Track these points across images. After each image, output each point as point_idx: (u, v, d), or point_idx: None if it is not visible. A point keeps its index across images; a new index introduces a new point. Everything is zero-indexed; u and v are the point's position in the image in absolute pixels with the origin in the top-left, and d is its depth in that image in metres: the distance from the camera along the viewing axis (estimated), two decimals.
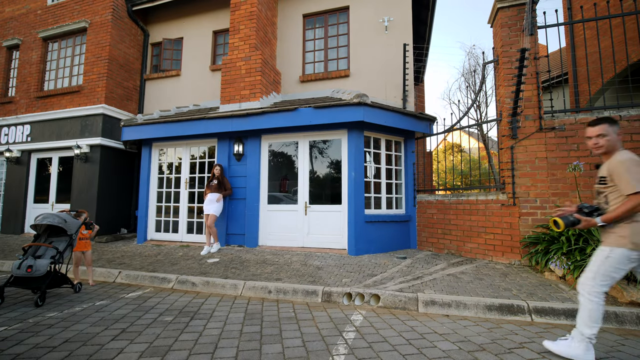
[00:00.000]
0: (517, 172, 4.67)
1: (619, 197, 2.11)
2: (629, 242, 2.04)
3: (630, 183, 2.01)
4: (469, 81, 11.79)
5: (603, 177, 2.21)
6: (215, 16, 8.12)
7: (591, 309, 2.12)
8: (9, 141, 8.57)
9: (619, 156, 2.13)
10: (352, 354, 2.31)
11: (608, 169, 2.16)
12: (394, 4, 6.76)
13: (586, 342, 2.15)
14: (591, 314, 2.12)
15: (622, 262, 2.08)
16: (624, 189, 2.05)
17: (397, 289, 3.59)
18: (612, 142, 2.19)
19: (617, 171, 2.09)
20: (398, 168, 6.42)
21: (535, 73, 4.67)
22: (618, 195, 2.12)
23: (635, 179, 2.00)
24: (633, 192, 2.00)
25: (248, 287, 3.91)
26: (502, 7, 4.90)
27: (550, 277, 3.91)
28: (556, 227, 2.22)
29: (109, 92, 7.79)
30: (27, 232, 8.27)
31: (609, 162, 2.18)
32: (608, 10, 4.76)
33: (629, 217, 2.06)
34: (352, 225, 5.55)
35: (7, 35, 9.09)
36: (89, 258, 4.36)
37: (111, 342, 2.46)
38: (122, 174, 8.16)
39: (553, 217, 2.22)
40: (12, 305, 3.36)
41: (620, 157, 2.12)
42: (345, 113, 5.50)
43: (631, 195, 2.01)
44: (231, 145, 6.55)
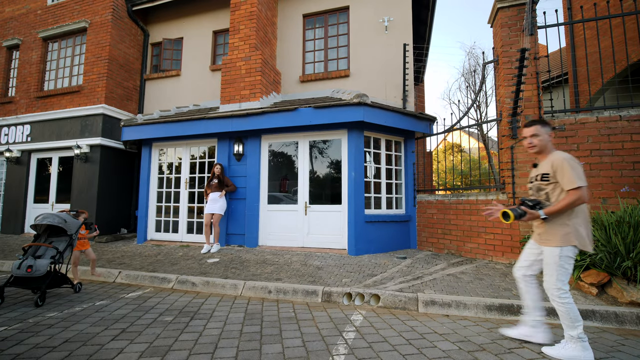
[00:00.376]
0: (517, 172, 4.67)
1: (561, 193, 2.27)
2: (574, 240, 2.22)
3: (572, 179, 2.19)
4: (469, 81, 11.79)
5: (546, 174, 2.35)
6: (215, 16, 8.12)
7: (567, 310, 2.21)
8: (9, 141, 8.58)
9: (560, 155, 2.30)
10: (352, 354, 2.31)
11: (552, 167, 2.31)
12: (394, 4, 6.77)
13: (579, 342, 2.20)
14: (569, 315, 2.21)
15: (571, 257, 2.26)
16: (566, 184, 2.21)
17: (397, 289, 3.59)
18: (544, 142, 2.41)
19: (560, 168, 2.25)
20: (398, 168, 6.42)
21: (535, 73, 4.67)
22: (560, 191, 2.28)
23: (576, 176, 2.18)
24: (574, 187, 2.17)
25: (248, 287, 3.91)
26: (502, 7, 4.90)
27: None
28: (506, 219, 2.30)
29: (109, 92, 7.79)
30: (27, 232, 8.27)
31: (551, 161, 2.33)
32: (608, 10, 4.76)
33: (568, 214, 2.25)
34: (352, 225, 5.55)
35: (7, 35, 9.09)
36: (90, 254, 4.41)
37: (111, 342, 2.46)
38: (122, 174, 8.16)
39: (504, 209, 2.31)
40: (12, 305, 3.36)
41: (561, 155, 2.30)
42: (345, 113, 5.50)
43: (572, 190, 2.19)
44: (231, 145, 6.55)
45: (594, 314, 2.96)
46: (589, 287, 3.37)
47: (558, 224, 2.27)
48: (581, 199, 2.18)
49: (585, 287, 3.41)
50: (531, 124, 2.46)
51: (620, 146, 4.23)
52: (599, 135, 4.33)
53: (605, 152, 4.28)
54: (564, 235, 2.24)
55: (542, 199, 2.38)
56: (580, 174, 2.20)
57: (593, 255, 3.41)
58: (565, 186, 2.22)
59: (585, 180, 2.21)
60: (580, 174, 2.20)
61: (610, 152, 4.26)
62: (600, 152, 4.30)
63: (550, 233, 2.30)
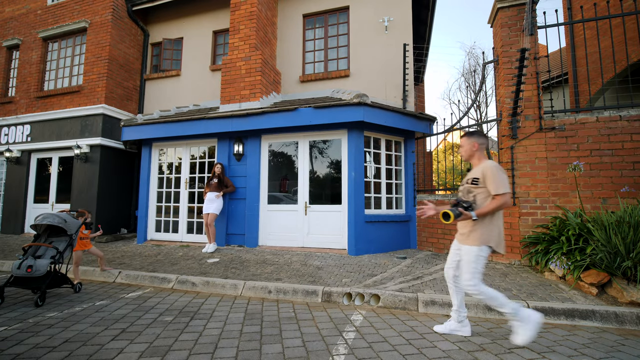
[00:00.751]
0: (517, 172, 4.67)
1: (487, 197, 2.49)
2: (491, 241, 2.45)
3: (498, 186, 2.42)
4: (469, 81, 11.78)
5: (476, 179, 2.57)
6: (215, 16, 8.12)
7: (489, 298, 2.43)
8: (9, 141, 8.57)
9: (490, 164, 2.53)
10: (352, 354, 2.31)
11: (482, 173, 2.53)
12: (394, 4, 6.76)
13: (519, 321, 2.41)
14: (495, 301, 2.43)
15: (484, 257, 2.46)
16: (493, 190, 2.44)
17: (397, 289, 3.59)
18: (467, 151, 2.69)
19: (488, 175, 2.48)
20: (398, 168, 6.42)
21: (535, 73, 4.67)
22: (487, 195, 2.50)
23: (502, 183, 2.42)
24: (499, 193, 2.41)
25: (248, 287, 3.91)
26: (502, 7, 4.90)
27: (550, 277, 3.91)
28: (445, 220, 2.45)
29: (109, 92, 7.79)
30: (27, 232, 8.27)
31: (482, 168, 2.55)
32: (608, 10, 4.76)
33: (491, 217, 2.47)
34: (352, 225, 5.55)
35: (7, 35, 9.09)
36: (96, 252, 4.47)
37: (111, 342, 2.46)
38: (122, 174, 8.16)
39: (445, 210, 2.46)
40: (12, 305, 3.36)
41: (491, 164, 2.53)
42: (345, 113, 5.50)
43: (497, 195, 2.42)
44: (231, 145, 6.55)
45: (594, 314, 2.96)
46: (589, 287, 3.37)
47: (481, 225, 2.48)
48: (506, 204, 2.42)
49: (585, 287, 3.41)
50: (462, 136, 2.78)
51: (620, 146, 4.23)
52: (599, 135, 4.33)
53: (605, 152, 4.28)
54: (483, 236, 2.46)
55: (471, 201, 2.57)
56: (505, 182, 2.44)
57: (593, 255, 3.41)
58: (492, 191, 2.44)
59: (509, 187, 2.46)
60: (505, 182, 2.44)
61: (610, 152, 4.26)
62: (600, 152, 4.30)
63: (473, 233, 2.50)
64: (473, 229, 2.50)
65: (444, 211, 2.46)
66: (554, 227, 4.12)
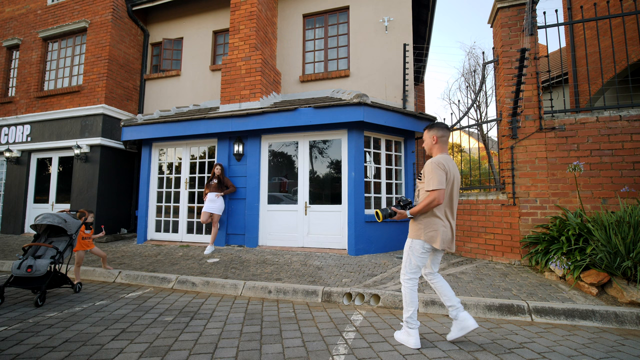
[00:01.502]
0: (517, 172, 4.67)
1: (424, 194, 2.46)
2: (423, 235, 2.43)
3: (429, 182, 2.39)
4: (469, 81, 11.77)
5: (420, 174, 2.57)
6: (215, 16, 8.12)
7: (406, 293, 2.46)
8: (9, 141, 8.58)
9: (432, 159, 2.50)
10: (352, 354, 2.31)
11: (424, 168, 2.52)
12: (394, 4, 6.77)
13: (406, 326, 2.44)
14: (406, 298, 2.46)
15: (420, 251, 2.45)
16: (426, 186, 2.42)
17: (397, 289, 3.59)
18: (427, 145, 2.65)
19: (426, 171, 2.46)
20: (398, 168, 6.42)
21: (535, 73, 4.67)
22: (424, 192, 2.47)
23: (434, 179, 2.36)
24: (429, 189, 2.37)
25: (248, 287, 3.91)
26: (502, 7, 4.90)
27: (550, 277, 3.91)
28: (377, 218, 2.51)
29: (109, 92, 7.79)
30: (27, 232, 8.27)
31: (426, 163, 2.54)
32: (608, 10, 4.76)
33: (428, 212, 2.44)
34: (352, 225, 5.55)
35: (7, 35, 9.09)
36: (98, 252, 4.51)
37: (111, 342, 2.46)
38: (122, 174, 8.16)
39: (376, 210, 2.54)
40: (12, 305, 3.36)
41: (432, 159, 2.49)
42: (345, 113, 5.50)
43: (429, 191, 2.38)
44: (231, 145, 6.55)
45: (594, 314, 2.96)
46: (589, 287, 3.37)
47: (417, 221, 2.49)
48: (436, 200, 2.34)
49: (585, 287, 3.41)
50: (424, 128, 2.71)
51: (620, 146, 4.23)
52: (599, 135, 4.32)
53: (605, 152, 4.28)
54: (415, 230, 2.48)
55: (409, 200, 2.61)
56: (440, 178, 2.36)
57: (593, 255, 3.41)
58: (426, 187, 2.42)
59: (444, 184, 2.38)
60: (440, 178, 2.36)
61: (610, 152, 4.26)
62: (600, 152, 4.30)
63: (410, 228, 2.56)
64: (411, 224, 2.56)
65: (376, 210, 2.54)
66: (554, 227, 4.12)
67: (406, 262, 2.51)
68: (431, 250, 2.48)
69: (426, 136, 2.64)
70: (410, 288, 2.46)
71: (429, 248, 2.45)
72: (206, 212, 5.91)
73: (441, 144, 2.56)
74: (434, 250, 2.51)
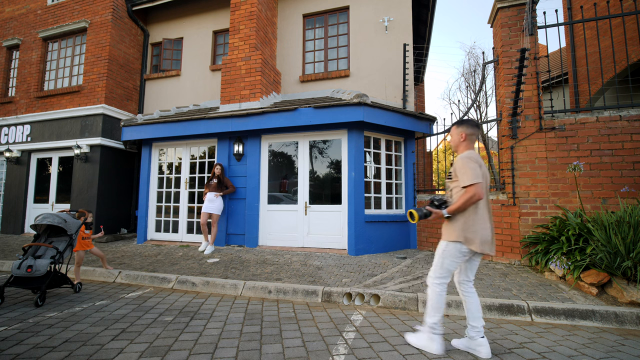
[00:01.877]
0: (517, 172, 4.67)
1: (459, 191, 2.30)
2: (461, 237, 2.24)
3: (465, 177, 2.22)
4: (469, 81, 11.76)
5: (450, 172, 2.42)
6: (215, 16, 8.12)
7: (433, 296, 2.31)
8: (9, 141, 8.57)
9: (461, 155, 2.34)
10: (352, 354, 2.31)
11: (454, 166, 2.36)
12: (394, 4, 6.77)
13: (430, 332, 2.30)
14: (432, 302, 2.31)
15: (455, 255, 2.27)
16: (461, 182, 2.24)
17: (397, 289, 3.59)
18: (454, 142, 2.49)
19: (457, 167, 2.30)
20: (398, 168, 6.42)
21: (535, 73, 4.67)
22: (459, 189, 2.30)
23: (470, 173, 2.20)
24: (466, 185, 2.20)
25: (248, 287, 3.90)
26: (502, 7, 4.90)
27: (550, 277, 3.91)
28: (411, 219, 2.36)
29: (109, 92, 7.79)
30: (27, 232, 8.27)
31: (455, 160, 2.40)
32: (608, 10, 4.76)
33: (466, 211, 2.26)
34: (352, 225, 5.55)
35: (7, 35, 9.09)
36: (97, 252, 4.50)
37: (111, 342, 2.46)
38: (122, 174, 8.16)
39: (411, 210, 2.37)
40: (12, 305, 3.36)
41: (461, 155, 2.33)
42: (345, 113, 5.50)
43: (466, 187, 2.21)
44: (231, 145, 6.55)
45: (594, 314, 2.96)
46: (589, 287, 3.37)
47: (454, 221, 2.32)
48: (476, 195, 2.18)
49: (585, 287, 3.41)
50: (452, 125, 2.53)
51: (620, 146, 4.23)
52: (599, 135, 4.33)
53: (605, 152, 4.28)
54: (452, 232, 2.30)
55: (449, 197, 2.45)
56: (476, 172, 2.20)
57: (593, 255, 3.41)
58: (461, 184, 2.25)
59: (481, 177, 2.20)
60: (476, 172, 2.20)
61: (610, 152, 4.26)
62: (600, 152, 4.30)
63: (445, 229, 2.39)
64: (446, 225, 2.38)
65: (410, 211, 2.37)
66: (554, 227, 4.12)
67: (437, 265, 2.33)
68: (469, 253, 2.27)
69: (454, 132, 2.47)
70: (439, 293, 2.30)
71: (466, 251, 2.25)
72: (205, 213, 5.90)
73: (469, 142, 2.41)
74: (471, 253, 2.28)
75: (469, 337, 2.32)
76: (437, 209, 2.36)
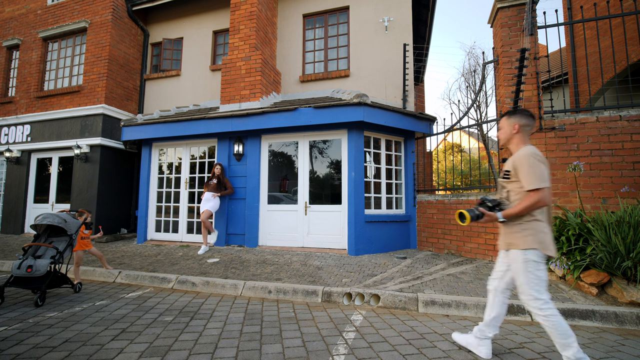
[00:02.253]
0: None
1: (520, 193, 2.06)
2: (536, 242, 1.99)
3: (531, 179, 1.96)
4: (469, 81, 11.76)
5: (507, 171, 2.14)
6: (215, 16, 8.13)
7: (554, 325, 1.93)
8: (9, 141, 8.58)
9: (523, 151, 2.06)
10: (352, 354, 2.31)
11: (512, 163, 2.10)
12: (394, 4, 6.77)
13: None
14: (557, 330, 1.92)
15: (538, 262, 1.99)
16: (526, 185, 1.98)
17: (397, 289, 3.59)
18: (506, 135, 2.21)
19: (519, 166, 2.04)
20: (398, 168, 6.42)
21: (535, 73, 4.67)
22: (519, 191, 2.06)
23: (536, 175, 1.95)
24: (534, 188, 1.95)
25: (248, 287, 3.91)
26: (502, 7, 4.90)
27: (550, 277, 3.91)
28: (461, 221, 2.12)
29: (109, 92, 7.79)
30: (27, 232, 8.27)
31: (514, 157, 2.11)
32: (608, 10, 4.76)
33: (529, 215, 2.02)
34: (352, 225, 5.55)
35: (7, 35, 9.09)
36: (95, 251, 4.49)
37: (111, 342, 2.46)
38: (122, 174, 8.16)
39: (460, 210, 2.12)
40: (12, 305, 3.36)
41: (524, 151, 2.05)
42: (345, 113, 5.50)
43: (532, 191, 1.96)
44: (231, 145, 6.55)
45: (594, 314, 2.96)
46: (589, 287, 3.37)
47: (517, 226, 2.05)
48: (542, 202, 1.94)
49: (585, 287, 3.41)
50: (501, 117, 2.29)
51: (620, 146, 4.23)
52: (599, 135, 4.32)
53: (605, 152, 4.28)
54: (524, 238, 2.02)
55: (504, 198, 2.18)
56: (543, 174, 1.96)
57: (593, 255, 3.41)
58: (525, 186, 2.00)
59: (548, 180, 1.96)
60: (543, 174, 1.96)
61: (610, 152, 4.26)
62: (600, 152, 4.30)
63: (511, 236, 2.09)
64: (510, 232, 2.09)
65: (460, 211, 2.12)
66: (554, 227, 4.12)
67: (530, 282, 1.96)
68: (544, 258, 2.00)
69: (504, 124, 2.22)
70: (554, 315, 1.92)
71: (543, 257, 2.00)
72: (207, 211, 5.89)
73: (523, 134, 2.15)
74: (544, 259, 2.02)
75: (477, 337, 2.22)
76: (489, 210, 2.10)
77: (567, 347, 1.90)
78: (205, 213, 5.87)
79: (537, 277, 1.97)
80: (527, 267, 1.98)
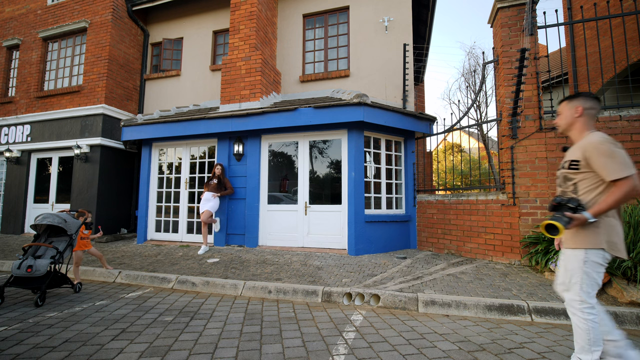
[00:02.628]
0: (517, 172, 4.67)
1: (593, 185, 1.83)
2: (604, 242, 1.78)
3: (615, 167, 1.72)
4: (469, 81, 11.77)
5: (575, 161, 1.89)
6: (215, 16, 8.13)
7: (588, 330, 1.78)
8: (9, 141, 8.58)
9: (594, 137, 1.83)
10: (352, 354, 2.31)
11: (582, 152, 1.85)
12: (394, 4, 6.77)
13: None
14: (589, 335, 1.78)
15: (600, 264, 1.81)
16: (609, 174, 1.74)
17: (397, 289, 3.59)
18: (565, 119, 2.03)
19: (593, 154, 1.79)
20: (398, 168, 6.42)
21: (535, 73, 4.67)
22: (593, 182, 1.83)
23: (620, 162, 1.71)
24: (621, 177, 1.70)
25: (248, 287, 3.91)
26: (502, 7, 4.90)
27: (550, 277, 3.91)
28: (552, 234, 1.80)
29: (109, 92, 7.79)
30: (27, 232, 8.27)
31: (583, 145, 1.87)
32: (608, 10, 4.76)
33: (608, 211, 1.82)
34: (352, 225, 5.55)
35: (7, 35, 9.09)
36: (94, 251, 4.50)
37: (111, 342, 2.46)
38: (122, 174, 8.16)
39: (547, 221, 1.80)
40: (12, 305, 3.36)
41: (596, 138, 1.82)
42: (345, 113, 5.50)
43: (619, 181, 1.71)
44: (231, 145, 6.55)
45: None
46: None
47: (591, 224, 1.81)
48: (634, 191, 1.68)
49: None
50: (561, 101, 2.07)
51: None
52: None
53: None
54: (591, 236, 1.80)
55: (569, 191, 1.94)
56: (626, 160, 1.71)
57: None
58: (608, 176, 1.74)
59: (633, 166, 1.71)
60: (626, 160, 1.71)
61: None
62: None
63: (577, 234, 1.85)
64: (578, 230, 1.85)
65: (547, 222, 1.79)
66: None
67: (581, 281, 1.80)
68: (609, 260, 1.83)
69: (565, 108, 2.01)
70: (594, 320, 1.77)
71: (609, 259, 1.81)
72: (208, 211, 5.88)
73: (588, 118, 1.93)
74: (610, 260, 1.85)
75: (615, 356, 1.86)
76: (575, 213, 1.82)
77: (588, 352, 1.79)
78: (205, 213, 5.87)
79: (593, 280, 1.80)
80: (586, 267, 1.80)
